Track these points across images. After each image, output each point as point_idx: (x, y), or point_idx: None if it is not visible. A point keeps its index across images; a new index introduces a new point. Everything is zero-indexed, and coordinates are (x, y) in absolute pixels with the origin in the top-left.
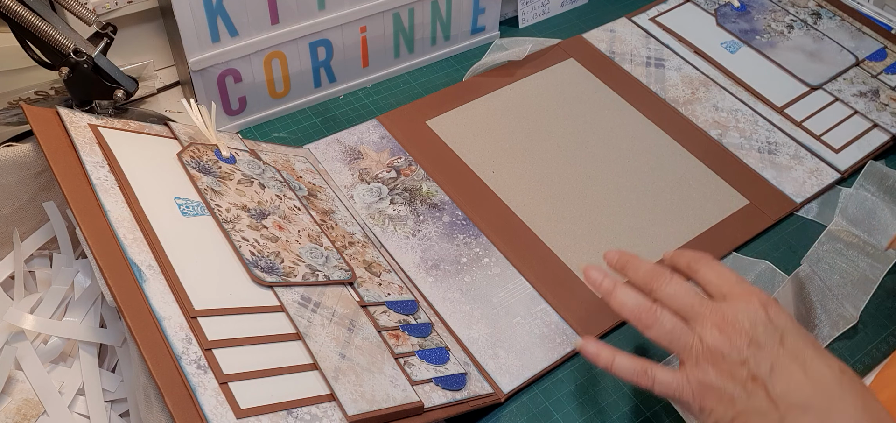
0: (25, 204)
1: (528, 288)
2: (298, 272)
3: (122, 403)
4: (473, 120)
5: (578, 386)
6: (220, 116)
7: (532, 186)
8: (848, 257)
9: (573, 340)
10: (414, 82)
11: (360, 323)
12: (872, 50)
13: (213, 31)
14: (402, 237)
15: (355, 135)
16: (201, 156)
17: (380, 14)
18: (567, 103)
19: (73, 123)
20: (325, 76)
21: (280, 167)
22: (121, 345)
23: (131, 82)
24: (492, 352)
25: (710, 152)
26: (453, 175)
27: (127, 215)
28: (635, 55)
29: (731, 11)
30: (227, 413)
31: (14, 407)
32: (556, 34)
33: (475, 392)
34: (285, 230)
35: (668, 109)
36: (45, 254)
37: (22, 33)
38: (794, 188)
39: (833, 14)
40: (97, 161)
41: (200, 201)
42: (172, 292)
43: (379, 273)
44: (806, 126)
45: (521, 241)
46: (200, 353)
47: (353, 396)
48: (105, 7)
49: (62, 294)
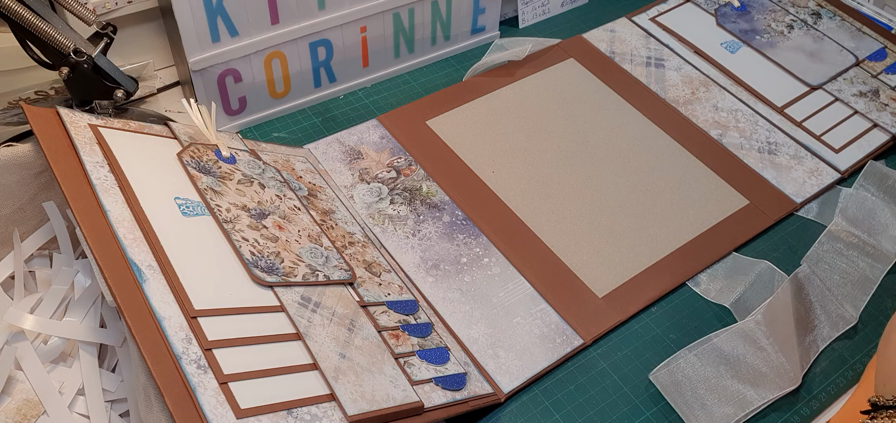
0: (25, 204)
1: (528, 288)
2: (298, 272)
3: (122, 403)
4: (473, 120)
5: (578, 386)
6: (220, 116)
7: (532, 186)
8: (848, 258)
9: (573, 340)
10: (414, 82)
11: (360, 323)
12: (872, 50)
13: (213, 31)
14: (402, 237)
15: (355, 135)
16: (201, 156)
17: (380, 14)
18: (567, 103)
19: (73, 123)
20: (325, 76)
21: (280, 167)
22: (121, 345)
23: (131, 82)
24: (492, 352)
25: (710, 152)
26: (453, 175)
27: (127, 215)
28: (635, 55)
29: (731, 11)
30: (227, 413)
31: (14, 407)
32: (556, 34)
33: (475, 392)
34: (285, 230)
35: (668, 109)
36: (45, 254)
37: (22, 33)
38: (794, 188)
39: (833, 14)
40: (97, 161)
41: (200, 201)
42: (172, 292)
43: (379, 273)
44: (806, 126)
45: (521, 241)
46: (200, 353)
47: (353, 396)
48: (105, 7)
49: (62, 294)
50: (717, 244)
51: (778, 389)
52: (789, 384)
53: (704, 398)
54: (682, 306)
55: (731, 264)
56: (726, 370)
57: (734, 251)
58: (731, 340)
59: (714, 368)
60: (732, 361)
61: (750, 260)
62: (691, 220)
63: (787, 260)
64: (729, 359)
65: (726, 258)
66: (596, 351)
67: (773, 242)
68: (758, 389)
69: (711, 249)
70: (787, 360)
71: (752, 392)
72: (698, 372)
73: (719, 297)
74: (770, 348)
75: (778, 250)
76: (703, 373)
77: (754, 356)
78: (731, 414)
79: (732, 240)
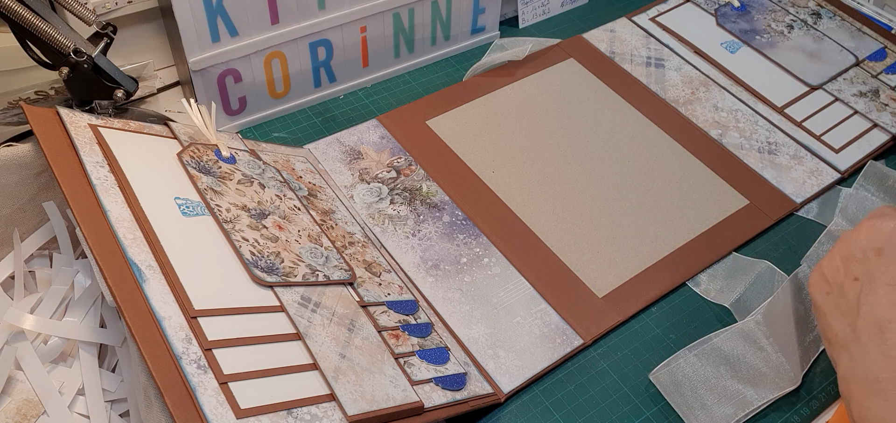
0: (25, 204)
1: (528, 288)
2: (298, 272)
3: (122, 403)
4: (473, 120)
5: (578, 386)
6: (220, 116)
7: (532, 186)
8: None
9: (573, 340)
10: (414, 82)
11: (360, 323)
12: (872, 50)
13: (213, 31)
14: (402, 237)
15: (355, 135)
16: (201, 156)
17: (380, 14)
18: (567, 103)
19: (73, 123)
20: (325, 76)
21: (280, 167)
22: (121, 345)
23: (131, 82)
24: (492, 352)
25: (710, 152)
26: (453, 175)
27: (127, 215)
28: (635, 55)
29: (731, 11)
30: (227, 413)
31: (14, 407)
32: (556, 34)
33: (475, 392)
34: (285, 230)
35: (668, 109)
36: (45, 254)
37: (22, 33)
38: (794, 188)
39: (833, 14)
40: (97, 161)
41: (200, 201)
42: (172, 292)
43: (379, 273)
44: (806, 126)
45: (521, 241)
46: (200, 353)
47: (353, 396)
48: (105, 7)
49: (62, 294)
50: (717, 244)
51: (778, 389)
52: (789, 384)
53: (704, 398)
54: (682, 306)
55: (731, 264)
56: (726, 370)
57: (734, 251)
58: (731, 340)
59: (714, 368)
60: (732, 361)
61: (750, 260)
62: (691, 220)
63: (787, 260)
64: (729, 359)
65: (726, 258)
66: (596, 351)
67: (773, 242)
68: (758, 389)
69: (711, 249)
70: (787, 360)
71: (752, 392)
72: (698, 372)
73: (719, 297)
74: (770, 349)
75: (778, 250)
76: (703, 373)
77: (754, 356)
78: (731, 414)
79: (732, 240)
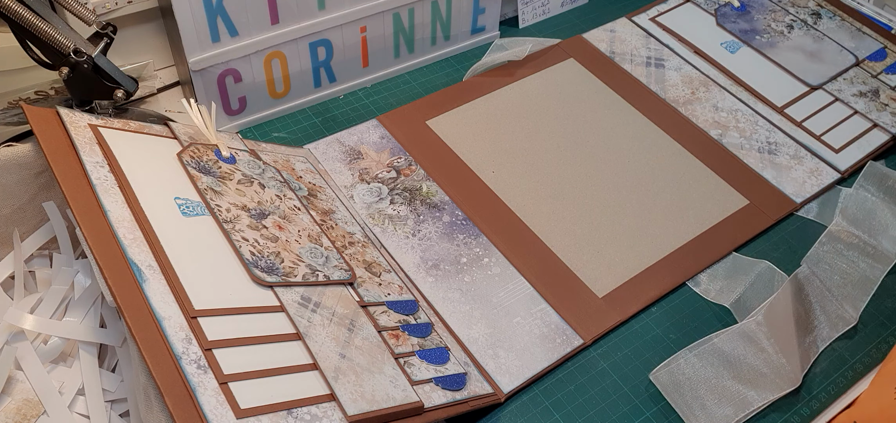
0: (25, 204)
1: (528, 288)
2: (298, 272)
3: (122, 403)
4: (473, 120)
5: (578, 386)
6: (220, 116)
7: (532, 186)
8: (848, 258)
9: (573, 340)
10: (414, 82)
11: (360, 323)
12: (872, 50)
13: (213, 31)
14: (402, 237)
15: (355, 135)
16: (201, 156)
17: (380, 14)
18: (567, 103)
19: (73, 123)
20: (325, 76)
21: (280, 167)
22: (121, 345)
23: (131, 82)
24: (492, 352)
25: (710, 152)
26: (453, 175)
27: (127, 215)
28: (635, 55)
29: (731, 11)
30: (227, 413)
31: (14, 407)
32: (556, 34)
33: (475, 392)
34: (285, 230)
35: (668, 109)
36: (45, 254)
37: (22, 33)
38: (794, 188)
39: (833, 14)
40: (97, 161)
41: (200, 201)
42: (172, 292)
43: (379, 273)
44: (806, 126)
45: (521, 241)
46: (200, 353)
47: (353, 396)
48: (105, 7)
49: (62, 294)
50: (717, 244)
51: (778, 389)
52: (789, 385)
53: (704, 398)
54: (682, 306)
55: (731, 264)
56: (726, 371)
57: (734, 251)
58: (731, 340)
59: (714, 368)
60: (732, 361)
61: (750, 260)
62: (691, 220)
63: (787, 260)
64: (729, 359)
65: (726, 258)
66: (596, 351)
67: (773, 242)
68: (758, 389)
69: (711, 249)
70: (788, 360)
71: (753, 393)
72: (698, 372)
73: (719, 297)
74: (770, 349)
75: (778, 250)
76: (704, 373)
77: (754, 357)
78: (731, 414)
79: (732, 240)
